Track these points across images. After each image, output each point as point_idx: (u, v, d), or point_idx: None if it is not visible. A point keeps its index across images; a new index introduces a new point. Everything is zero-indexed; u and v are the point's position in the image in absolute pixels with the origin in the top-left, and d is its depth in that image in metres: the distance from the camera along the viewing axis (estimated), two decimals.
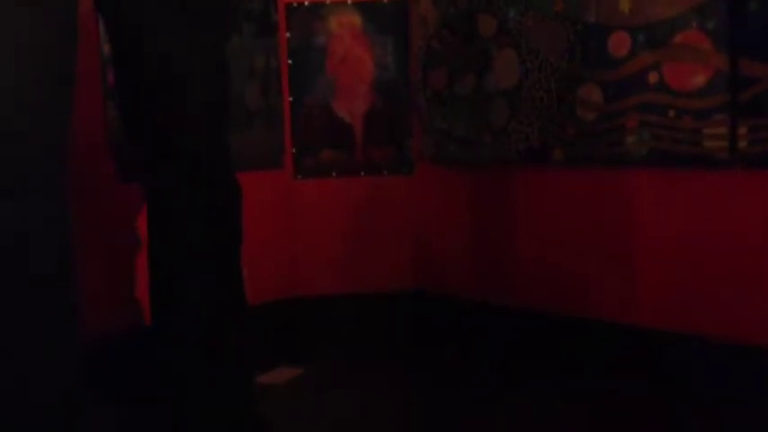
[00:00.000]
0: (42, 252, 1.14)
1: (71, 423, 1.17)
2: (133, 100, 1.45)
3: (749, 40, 1.79)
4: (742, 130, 1.82)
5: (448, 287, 2.50)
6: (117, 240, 2.07)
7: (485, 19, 2.31)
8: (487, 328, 2.34)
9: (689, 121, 1.90)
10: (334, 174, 2.58)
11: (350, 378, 2.05)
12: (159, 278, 1.56)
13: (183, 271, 1.53)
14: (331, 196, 2.57)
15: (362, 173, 2.59)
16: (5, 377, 1.10)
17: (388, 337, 2.38)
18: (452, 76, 2.42)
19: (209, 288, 1.55)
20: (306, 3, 2.53)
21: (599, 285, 2.13)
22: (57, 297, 1.15)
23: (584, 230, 2.16)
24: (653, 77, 1.95)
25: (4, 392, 1.09)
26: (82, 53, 1.22)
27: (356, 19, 2.55)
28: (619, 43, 2.01)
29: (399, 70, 2.57)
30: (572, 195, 2.18)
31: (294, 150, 2.56)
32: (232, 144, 1.54)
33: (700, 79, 1.87)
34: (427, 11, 2.47)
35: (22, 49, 1.12)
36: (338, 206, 2.58)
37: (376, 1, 2.55)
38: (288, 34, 2.52)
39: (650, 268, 2.03)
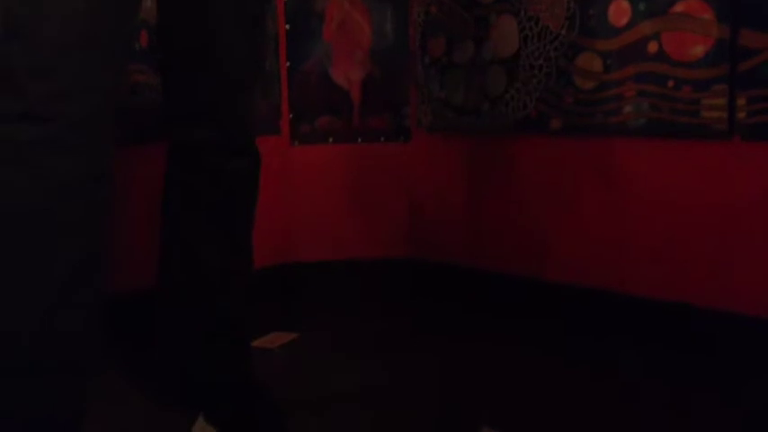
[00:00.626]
0: (78, 191, 1.14)
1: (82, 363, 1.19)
2: (179, 65, 1.49)
3: (751, 9, 1.78)
4: (741, 101, 1.81)
5: (443, 254, 2.51)
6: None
7: None
8: (481, 294, 2.35)
9: (688, 92, 1.89)
10: (330, 140, 2.57)
11: (343, 343, 2.06)
12: (174, 237, 1.58)
13: (200, 232, 1.55)
14: (327, 163, 2.56)
15: (359, 140, 2.58)
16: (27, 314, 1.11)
17: (382, 304, 2.39)
18: (451, 43, 2.40)
19: (223, 251, 1.57)
20: None
21: (594, 255, 2.14)
22: (84, 244, 1.16)
23: (580, 200, 2.16)
24: (652, 47, 1.94)
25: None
26: None
27: None
28: (619, 12, 2.00)
29: (398, 37, 2.55)
30: (569, 165, 2.18)
31: (291, 116, 2.54)
32: None
33: (699, 49, 1.86)
34: None
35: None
36: (334, 173, 2.57)
37: None
38: None
39: (646, 238, 2.03)
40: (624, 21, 1.99)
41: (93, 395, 1.54)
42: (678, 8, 1.89)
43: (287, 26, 2.50)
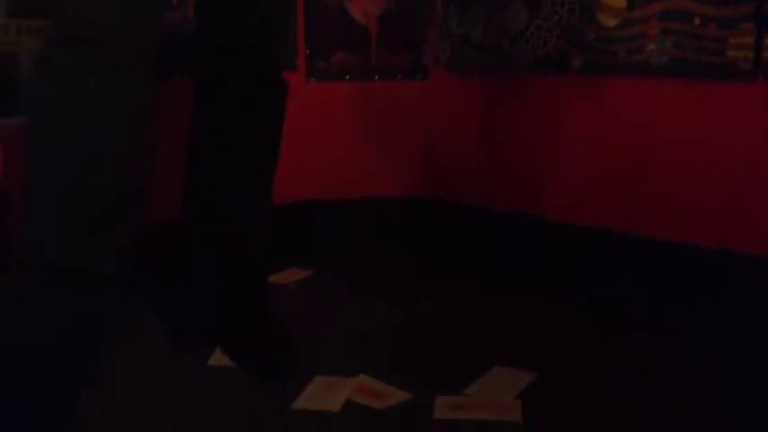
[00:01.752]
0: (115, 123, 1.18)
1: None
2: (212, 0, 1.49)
3: None
4: None
5: (458, 193, 2.49)
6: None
7: None
8: (495, 233, 2.34)
9: (713, 30, 1.84)
10: (347, 77, 2.54)
11: (356, 281, 2.07)
12: (200, 170, 1.58)
13: (226, 166, 1.55)
14: (343, 100, 2.54)
15: (376, 77, 2.55)
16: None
17: (396, 242, 2.39)
18: None
19: (249, 187, 1.58)
20: None
21: (612, 195, 2.12)
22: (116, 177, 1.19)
23: (600, 140, 2.13)
24: None
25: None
26: None
27: None
28: None
29: None
30: (589, 104, 2.14)
31: (308, 52, 2.51)
32: None
33: None
34: None
35: None
36: (350, 111, 2.55)
37: None
38: None
39: (668, 179, 2.01)
40: None
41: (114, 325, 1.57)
42: None
43: None
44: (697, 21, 1.86)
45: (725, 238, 1.90)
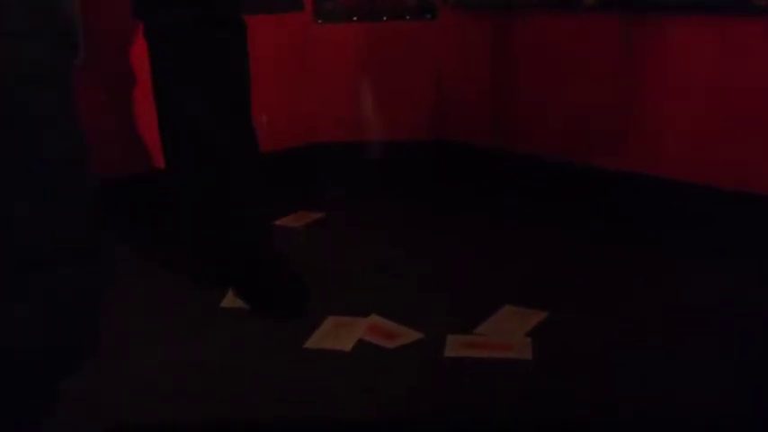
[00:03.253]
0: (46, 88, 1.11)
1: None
2: None
3: None
4: None
5: (468, 136, 2.47)
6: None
7: None
8: (507, 175, 2.33)
9: None
10: (355, 18, 2.50)
11: (367, 222, 2.07)
12: (169, 117, 1.57)
13: (198, 108, 1.53)
14: (351, 42, 2.50)
15: (384, 17, 2.50)
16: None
17: (406, 185, 2.38)
18: None
19: (226, 124, 1.56)
20: None
21: (626, 137, 2.10)
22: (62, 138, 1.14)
23: (614, 79, 2.10)
24: None
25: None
26: None
27: None
28: None
29: None
30: (602, 43, 2.11)
31: None
32: None
33: None
34: None
35: None
36: (359, 52, 2.51)
37: None
38: None
39: (682, 118, 1.98)
40: None
41: (118, 276, 1.58)
42: None
43: None
44: None
45: (738, 175, 1.89)
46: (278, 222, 2.00)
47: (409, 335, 1.45)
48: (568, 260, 1.81)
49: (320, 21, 2.48)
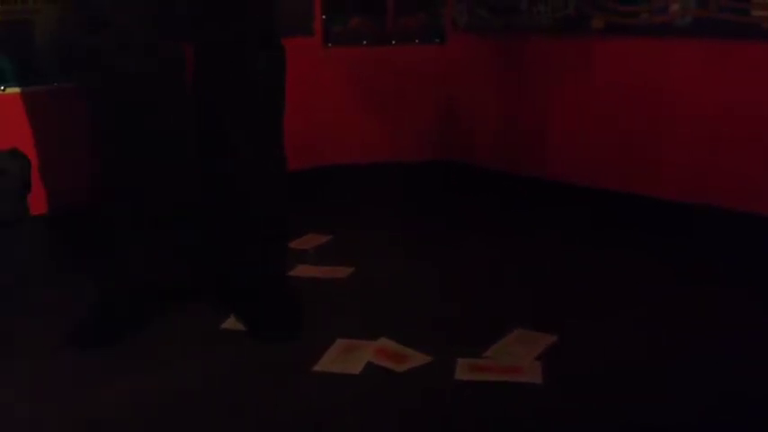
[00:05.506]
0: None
1: None
2: None
3: None
4: None
5: (476, 158, 2.48)
6: None
7: None
8: (514, 198, 2.33)
9: None
10: (364, 42, 2.52)
11: (376, 244, 2.07)
12: (208, 134, 1.59)
13: (239, 139, 1.57)
14: (361, 65, 2.52)
15: (393, 41, 2.52)
16: None
17: (414, 205, 2.39)
18: None
19: (258, 147, 1.58)
20: None
21: (630, 159, 2.10)
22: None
23: (620, 104, 2.11)
24: None
25: None
26: None
27: None
28: None
29: None
30: (610, 66, 2.12)
31: (324, 17, 2.49)
32: None
33: None
34: None
35: None
36: (368, 75, 2.53)
37: None
38: None
39: (689, 141, 1.98)
40: None
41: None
42: None
43: None
44: None
45: (745, 198, 1.89)
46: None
47: (418, 358, 1.45)
48: (576, 280, 1.80)
49: (330, 45, 2.51)
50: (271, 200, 1.63)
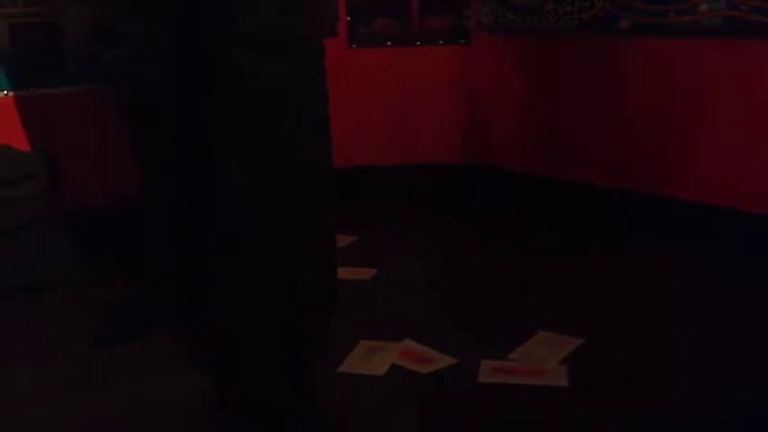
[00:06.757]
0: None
1: None
2: None
3: None
4: None
5: (501, 160, 2.47)
6: None
7: None
8: (540, 201, 2.31)
9: None
10: (389, 43, 2.52)
11: (401, 245, 2.07)
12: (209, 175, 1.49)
13: (240, 182, 1.34)
14: (386, 66, 2.52)
15: (418, 42, 2.52)
16: None
17: (438, 207, 2.38)
18: None
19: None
20: None
21: (656, 161, 2.08)
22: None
23: (648, 104, 2.09)
24: None
25: None
26: None
27: None
28: None
29: None
30: (637, 68, 2.10)
31: (349, 18, 2.49)
32: None
33: None
34: None
35: None
36: (393, 77, 2.53)
37: None
38: None
39: (719, 142, 1.96)
40: None
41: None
42: None
43: None
44: None
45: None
46: None
47: (443, 360, 1.45)
48: (603, 283, 1.79)
49: (355, 46, 2.51)
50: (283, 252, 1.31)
